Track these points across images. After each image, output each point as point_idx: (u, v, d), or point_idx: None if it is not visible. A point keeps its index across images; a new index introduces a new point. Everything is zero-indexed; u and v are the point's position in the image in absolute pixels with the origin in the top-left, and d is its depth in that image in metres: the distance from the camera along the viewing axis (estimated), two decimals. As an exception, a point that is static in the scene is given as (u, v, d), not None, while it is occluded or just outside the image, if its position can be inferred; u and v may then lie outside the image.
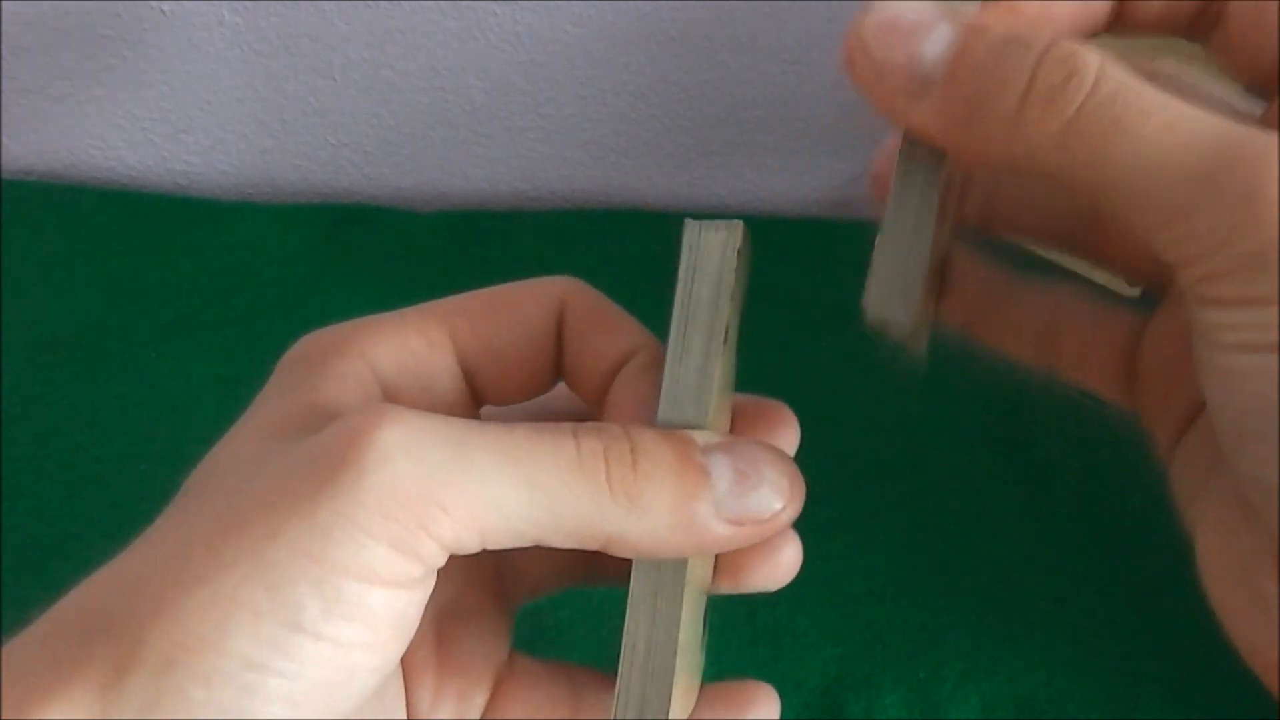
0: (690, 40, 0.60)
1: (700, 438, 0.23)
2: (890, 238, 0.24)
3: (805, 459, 0.24)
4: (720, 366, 0.23)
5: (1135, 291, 0.68)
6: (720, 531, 0.22)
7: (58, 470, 0.45)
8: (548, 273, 0.27)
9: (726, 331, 0.23)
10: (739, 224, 0.24)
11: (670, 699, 0.23)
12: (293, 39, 0.59)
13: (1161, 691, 0.40)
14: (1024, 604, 0.43)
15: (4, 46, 0.58)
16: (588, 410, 0.26)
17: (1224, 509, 0.25)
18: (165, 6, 0.57)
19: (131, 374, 0.49)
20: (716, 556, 0.24)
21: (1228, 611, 0.25)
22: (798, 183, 0.66)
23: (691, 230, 0.23)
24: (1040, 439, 0.50)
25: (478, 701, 0.26)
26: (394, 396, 0.24)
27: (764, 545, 0.24)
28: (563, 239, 0.59)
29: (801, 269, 0.60)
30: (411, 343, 0.25)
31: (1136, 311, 0.27)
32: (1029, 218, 0.28)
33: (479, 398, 0.26)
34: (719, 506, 0.22)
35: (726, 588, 0.25)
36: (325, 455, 0.20)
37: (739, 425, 0.25)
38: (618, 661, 0.23)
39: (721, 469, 0.22)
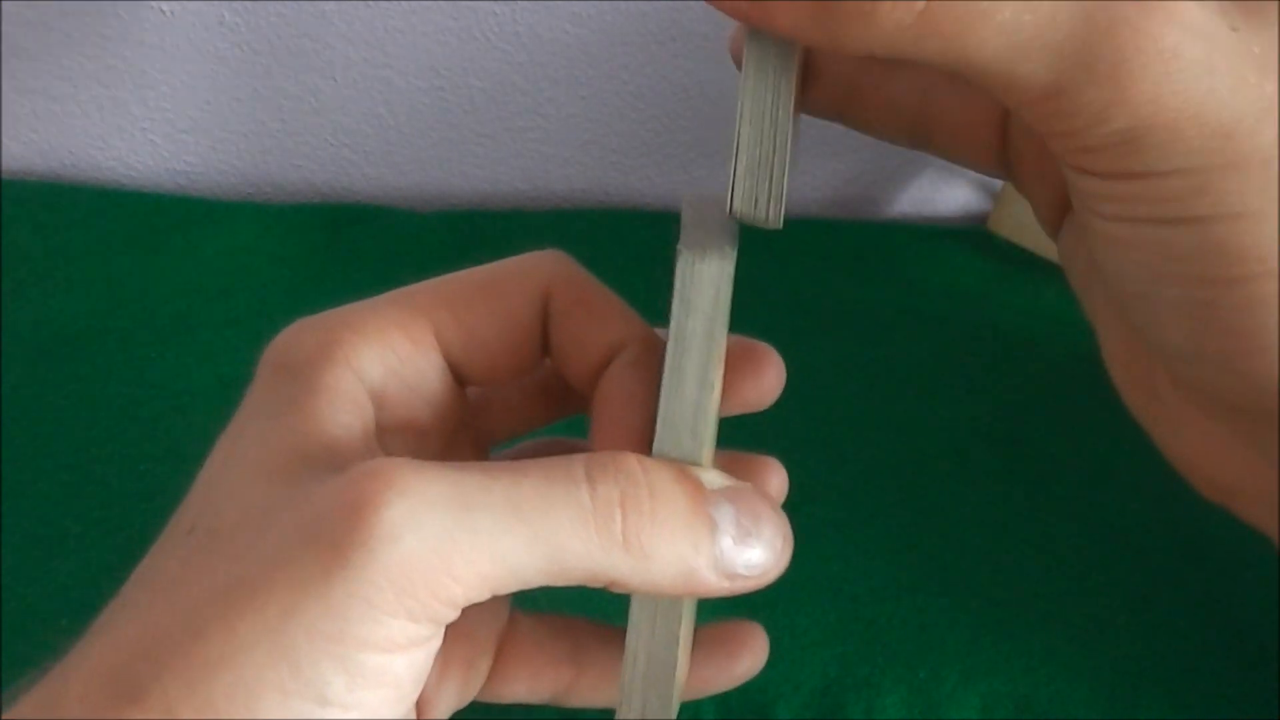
0: (690, 40, 0.60)
1: (708, 480, 0.23)
2: (748, 132, 0.23)
3: (805, 459, 0.24)
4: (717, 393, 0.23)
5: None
6: (713, 584, 0.22)
7: (58, 470, 0.44)
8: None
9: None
10: (732, 255, 0.23)
11: (672, 703, 0.23)
12: (293, 39, 0.59)
13: (1161, 691, 0.40)
14: (1024, 604, 0.43)
15: (4, 46, 0.58)
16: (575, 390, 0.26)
17: (1115, 315, 0.25)
18: (165, 6, 0.57)
19: (131, 374, 0.49)
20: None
21: (1137, 409, 0.26)
22: (797, 183, 0.66)
23: (685, 261, 0.23)
24: (1040, 439, 0.50)
25: (482, 668, 0.26)
26: (382, 402, 0.24)
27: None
28: (563, 239, 0.59)
29: (801, 269, 0.60)
30: (396, 344, 0.25)
31: None
32: (879, 110, 0.27)
33: (465, 383, 0.26)
34: (718, 562, 0.22)
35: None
36: (330, 530, 0.19)
37: (728, 378, 0.25)
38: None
39: (726, 522, 0.22)
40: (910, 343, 0.55)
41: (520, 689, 0.26)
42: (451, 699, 0.25)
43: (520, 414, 0.29)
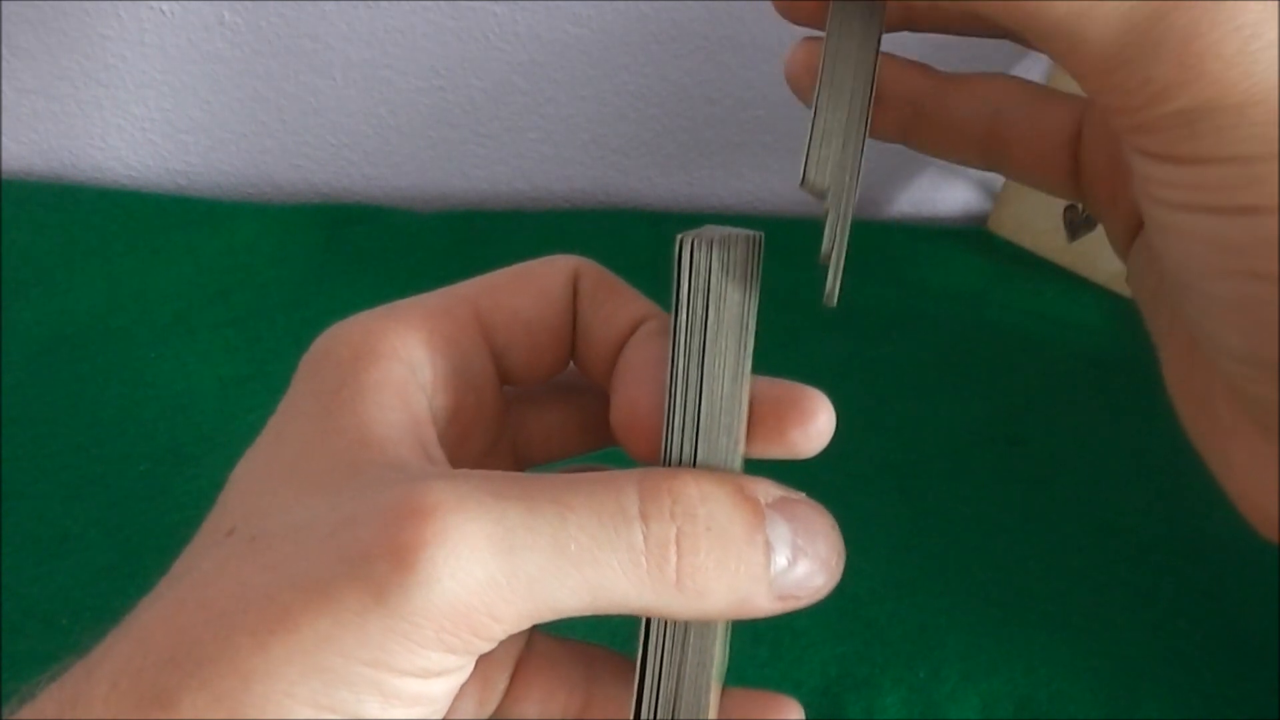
0: (690, 40, 0.60)
1: (762, 493, 0.22)
2: (828, 101, 0.22)
3: (805, 459, 0.24)
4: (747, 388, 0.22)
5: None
6: (765, 608, 0.21)
7: (58, 470, 0.44)
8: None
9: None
10: (759, 237, 0.22)
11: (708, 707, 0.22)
12: (293, 39, 0.59)
13: (1161, 691, 0.40)
14: (1024, 604, 0.43)
15: (4, 46, 0.58)
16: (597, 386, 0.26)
17: (1179, 329, 0.24)
18: (165, 6, 0.57)
19: (131, 374, 0.49)
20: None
21: (1194, 432, 0.24)
22: (798, 182, 0.66)
23: (692, 248, 0.22)
24: (1040, 439, 0.50)
25: (499, 686, 0.26)
26: (433, 391, 0.24)
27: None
28: (563, 239, 0.59)
29: (801, 269, 0.60)
30: (442, 329, 0.24)
31: (1077, 103, 0.26)
32: (947, 132, 0.27)
33: (504, 377, 0.26)
34: (771, 586, 0.21)
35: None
36: (371, 567, 0.19)
37: (765, 420, 0.24)
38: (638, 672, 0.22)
39: (782, 542, 0.21)
40: (910, 343, 0.55)
41: (531, 709, 0.26)
42: (468, 713, 0.25)
43: (558, 440, 0.28)
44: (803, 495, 0.23)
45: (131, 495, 0.43)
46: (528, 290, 0.25)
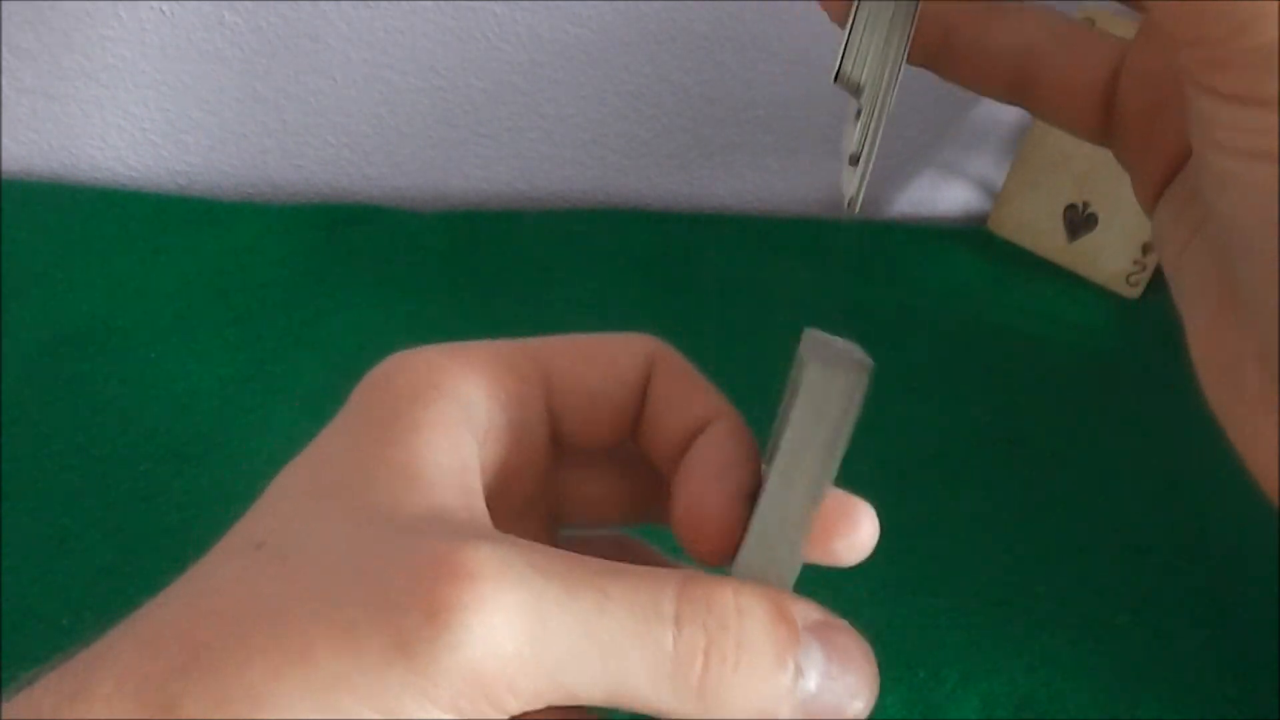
0: (690, 40, 0.60)
1: (801, 614, 0.21)
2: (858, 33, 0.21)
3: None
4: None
5: (1136, 292, 0.68)
6: None
7: (58, 470, 0.44)
8: (547, 272, 0.26)
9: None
10: (865, 374, 0.21)
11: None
12: (293, 39, 0.59)
13: (1161, 691, 0.40)
14: (1024, 604, 0.43)
15: (4, 46, 0.58)
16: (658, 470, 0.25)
17: (1209, 292, 0.22)
18: (165, 6, 0.57)
19: (131, 374, 0.49)
20: None
21: (1217, 402, 0.23)
22: (798, 183, 0.66)
23: (814, 370, 0.21)
24: (1040, 439, 0.50)
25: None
26: (483, 440, 0.23)
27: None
28: (562, 239, 0.59)
29: (801, 269, 0.60)
30: (506, 380, 0.24)
31: (1115, 44, 0.25)
32: (977, 61, 0.25)
33: (557, 440, 0.26)
34: (796, 709, 0.21)
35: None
36: (399, 620, 0.19)
37: (820, 532, 0.23)
38: None
39: (814, 663, 0.21)
40: (910, 342, 0.55)
41: None
42: None
43: (598, 509, 0.28)
44: (844, 623, 0.22)
45: (131, 495, 0.43)
46: (599, 361, 0.25)
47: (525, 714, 0.20)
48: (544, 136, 0.63)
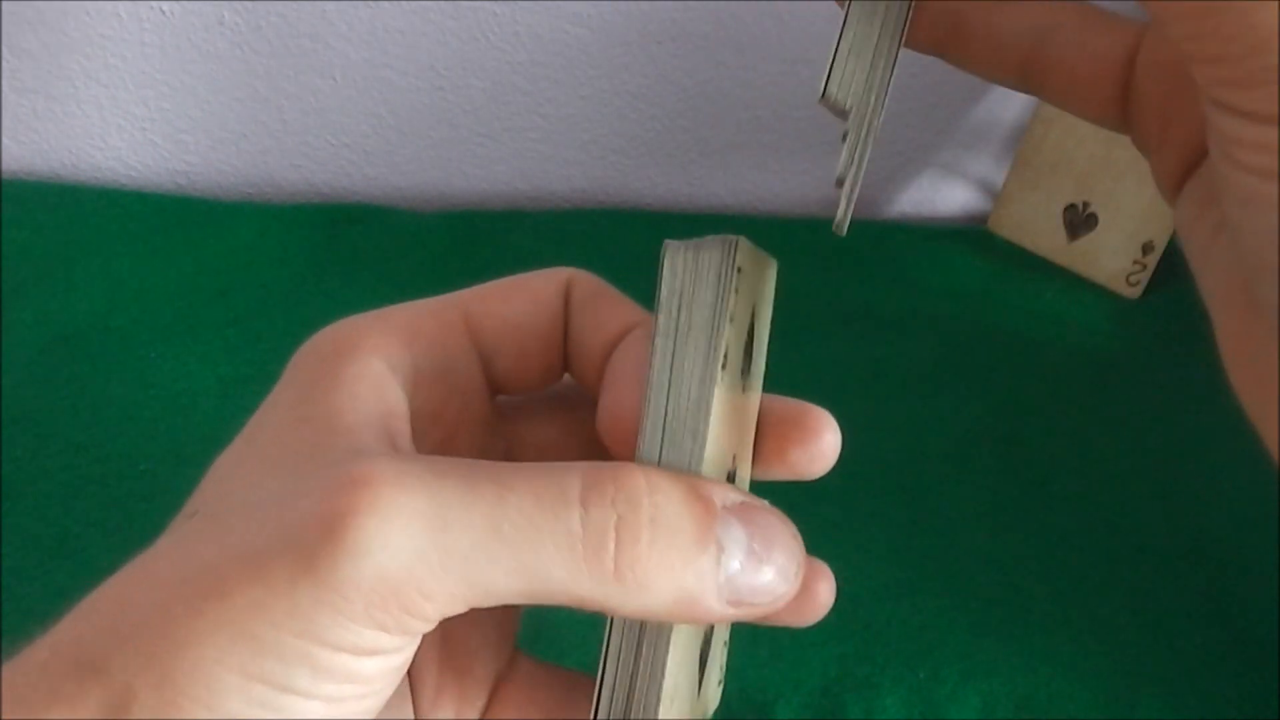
0: (690, 40, 0.60)
1: (719, 495, 0.21)
2: (861, 10, 0.21)
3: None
4: (722, 394, 0.22)
5: (1136, 292, 0.67)
6: (716, 611, 0.21)
7: (58, 470, 0.44)
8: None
9: (725, 356, 0.22)
10: (736, 240, 0.21)
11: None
12: (293, 39, 0.59)
13: (1161, 691, 0.40)
14: (1024, 604, 0.43)
15: (4, 46, 0.58)
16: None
17: (1234, 287, 0.22)
18: (165, 6, 0.57)
19: (131, 374, 0.49)
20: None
21: (1246, 395, 0.22)
22: (798, 183, 0.66)
23: (674, 252, 0.21)
24: (1040, 439, 0.50)
25: (477, 704, 0.26)
26: (413, 389, 0.24)
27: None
28: (562, 239, 0.59)
29: (801, 269, 0.60)
30: (428, 330, 0.24)
31: (1131, 27, 0.24)
32: (988, 48, 0.25)
33: (495, 386, 0.26)
34: (722, 589, 0.20)
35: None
36: (304, 536, 0.19)
37: (767, 439, 0.23)
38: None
39: (735, 545, 0.21)
40: (910, 343, 0.55)
41: None
42: None
43: (555, 454, 0.28)
44: (765, 503, 0.22)
45: (131, 495, 0.43)
46: (518, 296, 0.25)
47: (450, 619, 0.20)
48: (544, 136, 0.63)
